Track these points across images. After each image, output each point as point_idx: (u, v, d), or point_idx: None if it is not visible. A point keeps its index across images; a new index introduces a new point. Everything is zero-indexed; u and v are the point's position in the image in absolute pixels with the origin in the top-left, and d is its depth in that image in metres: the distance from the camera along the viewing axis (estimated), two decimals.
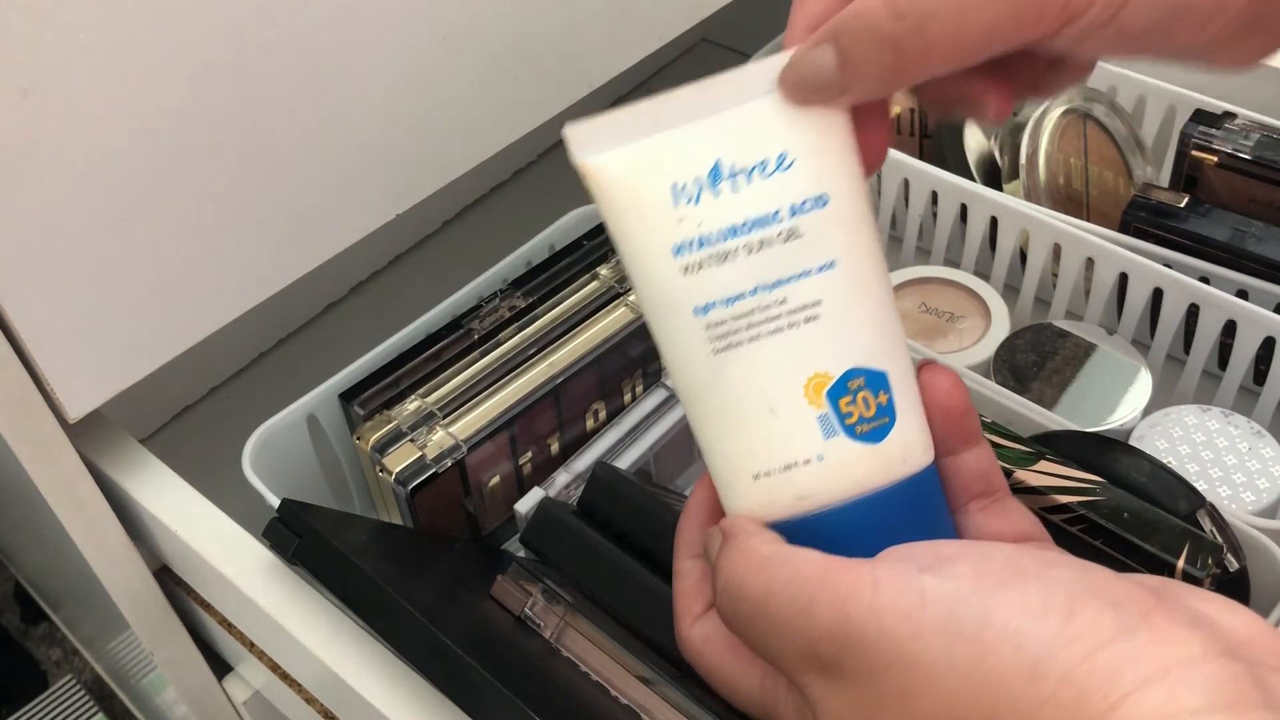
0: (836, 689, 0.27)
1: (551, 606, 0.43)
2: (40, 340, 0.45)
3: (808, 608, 0.27)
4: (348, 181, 0.53)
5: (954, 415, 0.31)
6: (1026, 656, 0.24)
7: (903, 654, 0.25)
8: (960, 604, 0.25)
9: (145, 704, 0.82)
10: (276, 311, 0.70)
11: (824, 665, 0.27)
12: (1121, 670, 0.23)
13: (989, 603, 0.25)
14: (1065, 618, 0.24)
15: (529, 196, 0.88)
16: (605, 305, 0.60)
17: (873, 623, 0.25)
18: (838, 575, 0.27)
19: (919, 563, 0.26)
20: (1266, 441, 0.57)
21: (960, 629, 0.25)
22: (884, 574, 0.26)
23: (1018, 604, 0.25)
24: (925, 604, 0.25)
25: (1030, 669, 0.24)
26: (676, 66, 0.99)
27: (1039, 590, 0.25)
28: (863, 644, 0.26)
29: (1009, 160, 0.69)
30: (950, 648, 0.25)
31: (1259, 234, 0.61)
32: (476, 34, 0.55)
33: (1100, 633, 0.24)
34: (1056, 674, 0.23)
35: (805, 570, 0.27)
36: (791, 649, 0.27)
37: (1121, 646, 0.24)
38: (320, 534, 0.44)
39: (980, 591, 0.25)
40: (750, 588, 0.28)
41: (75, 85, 0.42)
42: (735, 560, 0.29)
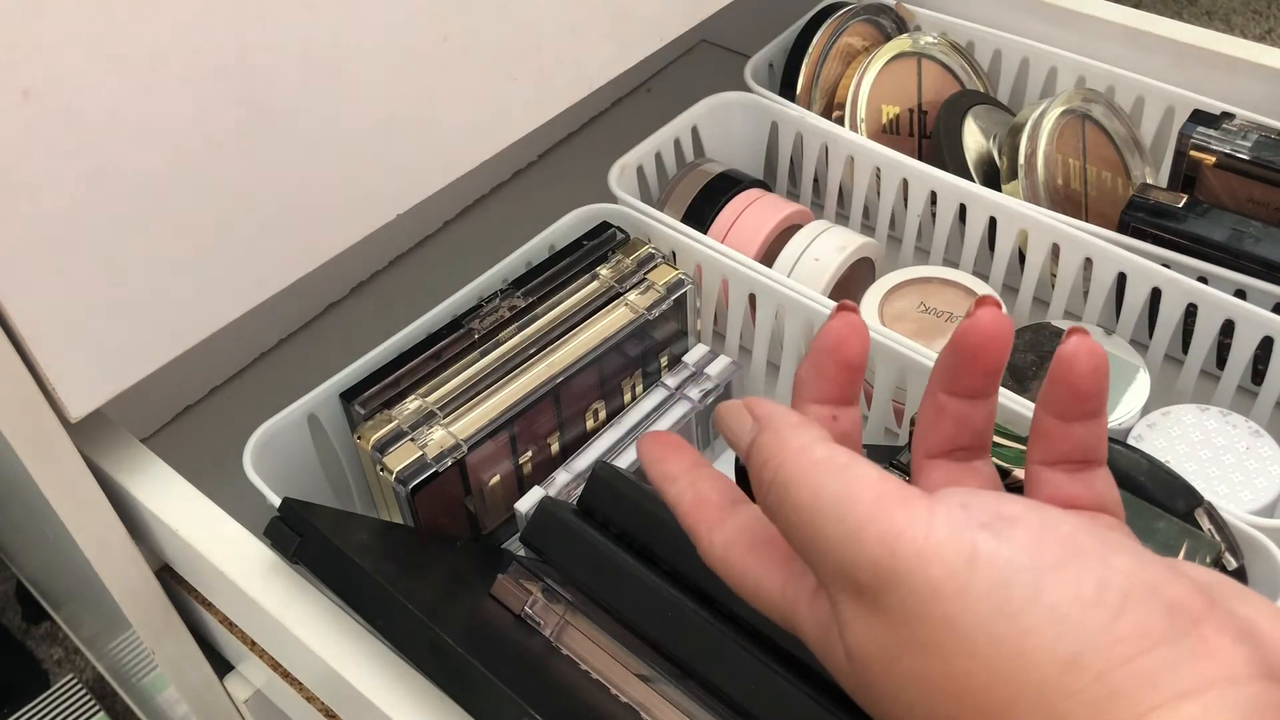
0: (868, 618, 0.26)
1: (551, 605, 0.44)
2: (41, 340, 0.45)
3: (856, 533, 0.26)
4: (348, 181, 0.53)
5: (1081, 396, 0.29)
6: (1067, 646, 0.23)
7: (942, 610, 0.24)
8: (1012, 574, 0.24)
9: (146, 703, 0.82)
10: (277, 311, 0.70)
11: (861, 591, 0.26)
12: (1159, 679, 0.23)
13: (1041, 580, 0.24)
14: (1115, 613, 0.23)
15: (529, 196, 0.88)
16: (605, 305, 0.61)
17: (919, 569, 0.25)
18: (892, 507, 0.26)
19: (978, 516, 0.25)
20: (1264, 441, 0.57)
21: (1006, 600, 0.24)
22: (940, 520, 0.25)
23: (1070, 588, 0.24)
24: (976, 564, 0.24)
25: (1068, 659, 0.23)
26: (676, 66, 0.99)
27: (1095, 577, 0.24)
28: (905, 587, 0.25)
29: (1007, 161, 0.70)
30: (992, 617, 0.24)
31: (1257, 234, 0.61)
32: (476, 34, 0.55)
33: (1147, 637, 0.23)
34: (1093, 670, 0.23)
35: (859, 490, 0.26)
36: (833, 565, 0.26)
37: (1164, 654, 0.23)
38: (321, 533, 0.44)
39: (1035, 566, 0.24)
40: (799, 491, 0.27)
41: (75, 85, 0.42)
42: (785, 455, 0.28)
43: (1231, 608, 0.25)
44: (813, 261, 0.66)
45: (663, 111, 0.73)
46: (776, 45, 0.78)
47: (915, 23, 0.80)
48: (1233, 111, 0.68)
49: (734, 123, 0.75)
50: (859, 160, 0.73)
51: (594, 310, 0.60)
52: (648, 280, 0.62)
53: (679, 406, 0.61)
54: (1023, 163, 0.69)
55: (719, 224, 0.69)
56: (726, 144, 0.75)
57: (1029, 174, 0.69)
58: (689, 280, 0.62)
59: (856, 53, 0.78)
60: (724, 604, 0.41)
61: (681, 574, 0.42)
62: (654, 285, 0.61)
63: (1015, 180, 0.69)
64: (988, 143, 0.73)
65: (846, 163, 0.74)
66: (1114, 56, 0.74)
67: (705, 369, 0.63)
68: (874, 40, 0.79)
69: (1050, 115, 0.69)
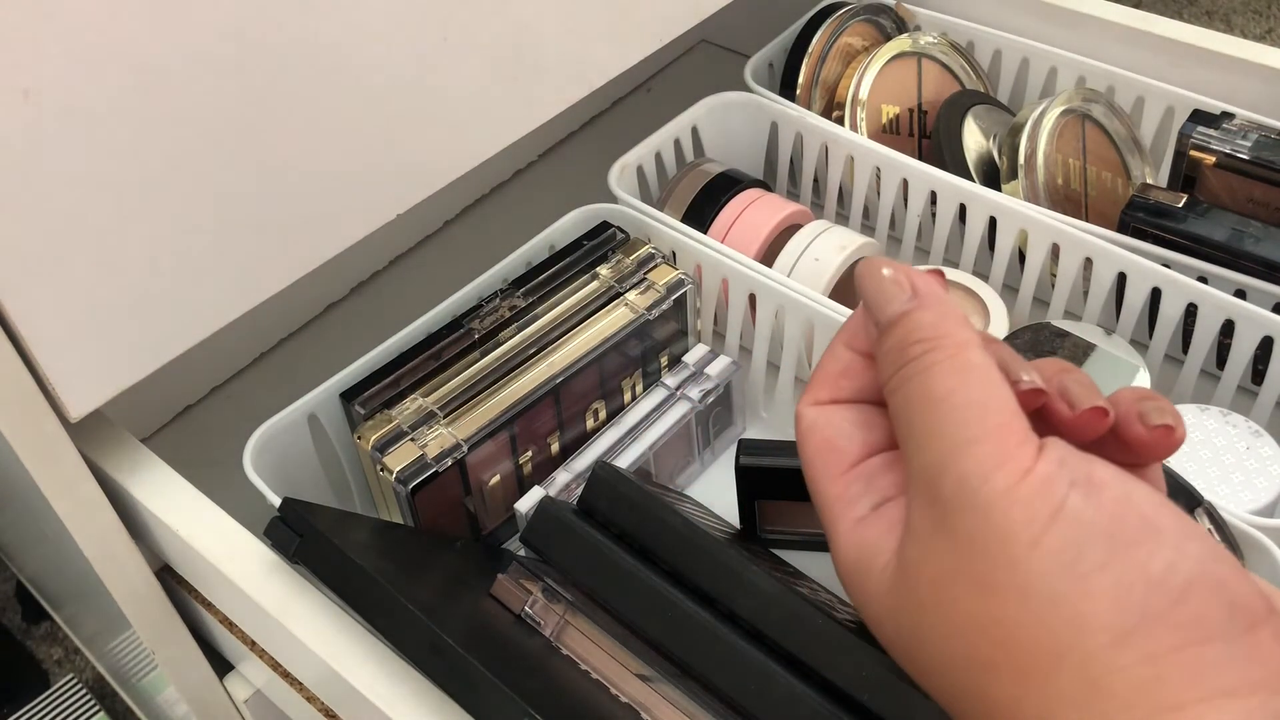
0: (934, 534, 0.26)
1: (551, 605, 0.44)
2: (42, 340, 0.45)
3: (966, 444, 0.26)
4: (348, 181, 0.53)
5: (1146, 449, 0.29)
6: (1123, 620, 0.23)
7: (1011, 553, 0.24)
8: (1088, 538, 0.24)
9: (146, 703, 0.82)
10: (277, 311, 0.70)
11: (938, 502, 0.26)
12: (1206, 673, 0.23)
13: (1115, 550, 0.24)
14: (1177, 599, 0.23)
15: (529, 196, 0.88)
16: (605, 305, 0.61)
17: (1002, 506, 0.25)
18: (1005, 438, 0.25)
19: (1072, 474, 0.25)
20: (1264, 441, 0.57)
21: (1076, 562, 0.24)
22: (1040, 468, 0.25)
23: (1140, 565, 0.24)
24: (1058, 519, 0.24)
25: (1121, 633, 0.23)
26: (676, 66, 0.99)
27: (1165, 559, 0.24)
28: (982, 517, 0.25)
29: (1008, 160, 0.70)
30: (1057, 574, 0.24)
31: (1257, 234, 0.61)
32: (476, 34, 0.55)
33: (1202, 628, 0.23)
34: (1143, 650, 0.23)
35: (992, 407, 0.26)
36: (929, 463, 0.26)
37: (1217, 649, 0.23)
38: (321, 533, 0.44)
39: (1111, 534, 0.24)
40: (942, 380, 0.27)
41: (75, 85, 0.42)
42: (944, 342, 0.27)
43: None
44: (813, 261, 0.66)
45: (663, 111, 0.73)
46: (776, 45, 0.78)
47: (915, 23, 0.80)
48: (1233, 111, 0.68)
49: (734, 123, 0.75)
50: (859, 160, 0.73)
51: (594, 310, 0.60)
52: (648, 280, 0.62)
53: (679, 406, 0.61)
54: (1023, 163, 0.69)
55: (719, 224, 0.69)
56: (726, 144, 0.75)
57: (1029, 174, 0.69)
58: (689, 280, 0.62)
59: (856, 53, 0.78)
60: (724, 604, 0.41)
61: (681, 574, 0.42)
62: (654, 285, 0.61)
63: (1015, 180, 0.69)
64: (988, 143, 0.73)
65: (846, 163, 0.74)
66: (1114, 56, 0.74)
67: (705, 369, 0.63)
68: (874, 40, 0.79)
69: (1050, 115, 0.69)
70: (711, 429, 0.64)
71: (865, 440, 0.30)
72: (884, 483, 0.29)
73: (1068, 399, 0.29)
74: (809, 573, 0.52)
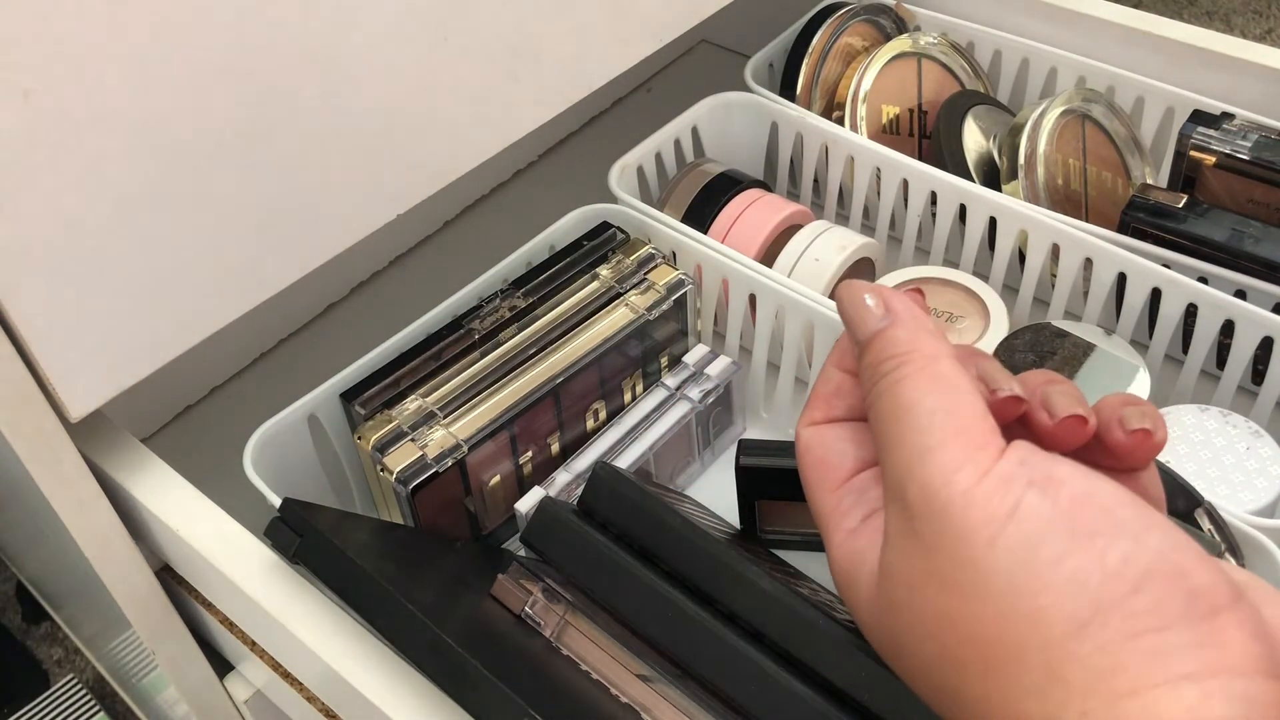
0: (905, 539, 0.27)
1: (551, 605, 0.44)
2: (42, 340, 0.45)
3: (925, 452, 0.27)
4: (348, 182, 0.53)
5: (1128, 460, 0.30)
6: (1079, 611, 0.24)
7: (970, 553, 0.25)
8: (1044, 533, 0.25)
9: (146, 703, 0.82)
10: (277, 311, 0.70)
11: (905, 507, 0.27)
12: (1165, 659, 0.23)
13: (1072, 544, 0.25)
14: (1133, 588, 0.24)
15: (529, 196, 0.88)
16: (605, 305, 0.61)
17: (960, 510, 0.25)
18: (967, 440, 0.26)
19: (1031, 473, 0.26)
20: (1264, 441, 0.57)
21: (1032, 557, 0.25)
22: (997, 470, 0.26)
23: (1096, 556, 0.24)
24: (1015, 518, 0.25)
25: (1078, 623, 0.24)
26: (676, 66, 0.99)
27: (1121, 551, 0.24)
28: (943, 520, 0.26)
29: (1008, 161, 0.70)
30: (1014, 570, 0.25)
31: (1257, 234, 0.61)
32: (476, 34, 0.55)
33: (1160, 616, 0.24)
34: (1100, 639, 0.23)
35: (953, 414, 0.27)
36: (897, 472, 0.27)
37: (1175, 636, 0.23)
38: (321, 533, 0.44)
39: (1068, 528, 0.25)
40: (908, 391, 0.28)
41: (75, 85, 0.42)
42: (915, 356, 0.29)
43: (1259, 607, 0.25)
44: (813, 261, 0.66)
45: (663, 111, 0.73)
46: (776, 45, 0.78)
47: (915, 23, 0.80)
48: (1233, 111, 0.68)
49: (734, 123, 0.75)
50: (859, 160, 0.73)
51: (594, 310, 0.60)
52: (648, 280, 0.62)
53: (679, 406, 0.61)
54: (1023, 163, 0.69)
55: (719, 224, 0.69)
56: (726, 144, 0.75)
57: (1029, 174, 0.69)
58: (689, 280, 0.62)
59: (856, 53, 0.78)
60: (724, 604, 0.41)
61: (681, 575, 0.42)
62: (654, 285, 0.61)
63: (1015, 180, 0.69)
64: (988, 143, 0.73)
65: (846, 163, 0.74)
66: (1114, 56, 0.74)
67: (705, 369, 0.63)
68: (874, 40, 0.79)
69: (1050, 115, 0.69)
70: (711, 429, 0.64)
71: (857, 456, 0.31)
72: (873, 495, 0.30)
73: (1049, 408, 0.30)
74: (809, 573, 0.52)
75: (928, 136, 0.77)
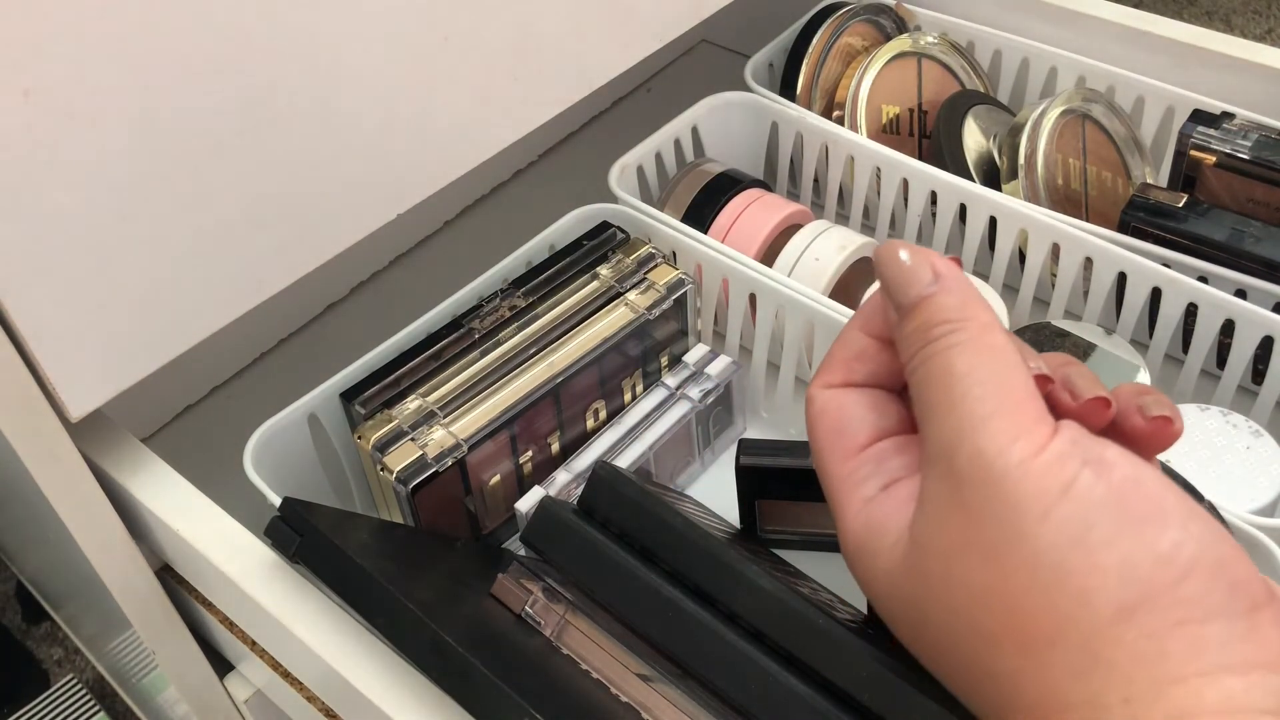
0: (948, 506, 0.26)
1: (552, 605, 0.44)
2: (42, 340, 0.45)
3: (984, 419, 0.26)
4: (348, 181, 0.53)
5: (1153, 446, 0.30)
6: (1127, 594, 0.24)
7: (1020, 525, 0.25)
8: (1097, 513, 0.25)
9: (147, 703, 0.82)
10: (277, 311, 0.70)
11: (953, 474, 0.26)
12: (1207, 648, 0.23)
13: (1122, 527, 0.24)
14: (1181, 576, 0.24)
15: (529, 196, 0.88)
16: (605, 305, 0.61)
17: (1014, 480, 0.25)
18: (1021, 415, 0.26)
19: (1084, 453, 0.26)
20: (1265, 440, 0.57)
21: (1085, 536, 0.24)
22: (1054, 445, 0.26)
23: (1145, 542, 0.24)
24: (1069, 495, 0.25)
25: (1124, 608, 0.24)
26: (676, 66, 0.99)
27: (1171, 538, 0.24)
28: (995, 490, 0.25)
29: (1007, 160, 0.70)
30: (1066, 547, 0.24)
31: (1257, 234, 0.61)
32: (476, 34, 0.55)
33: (1205, 606, 0.24)
34: (1146, 626, 0.23)
35: (1011, 384, 0.27)
36: (947, 436, 0.27)
37: (1217, 627, 0.23)
38: (321, 533, 0.44)
39: (1120, 512, 0.25)
40: (965, 357, 0.27)
41: (76, 85, 0.42)
42: (969, 323, 0.28)
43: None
44: (813, 261, 0.66)
45: (663, 111, 0.73)
46: (776, 45, 0.78)
47: (915, 23, 0.80)
48: (1233, 111, 0.68)
49: (734, 123, 0.75)
50: (859, 160, 0.73)
51: (594, 310, 0.60)
52: (648, 280, 0.62)
53: (679, 406, 0.61)
54: (1023, 163, 0.69)
55: (719, 224, 0.69)
56: (726, 144, 0.75)
57: (1029, 174, 0.69)
58: (689, 280, 0.62)
59: (856, 53, 0.78)
60: (724, 604, 0.41)
61: (682, 574, 0.42)
62: (654, 285, 0.61)
63: (1015, 180, 0.69)
64: (988, 143, 0.73)
65: (846, 163, 0.74)
66: (1114, 56, 0.74)
67: (705, 369, 0.63)
68: (874, 40, 0.79)
69: (1050, 115, 0.69)
70: (711, 429, 0.64)
71: (876, 424, 0.31)
72: (894, 465, 0.30)
73: (1071, 390, 0.29)
74: (809, 573, 0.52)
75: (928, 136, 0.77)
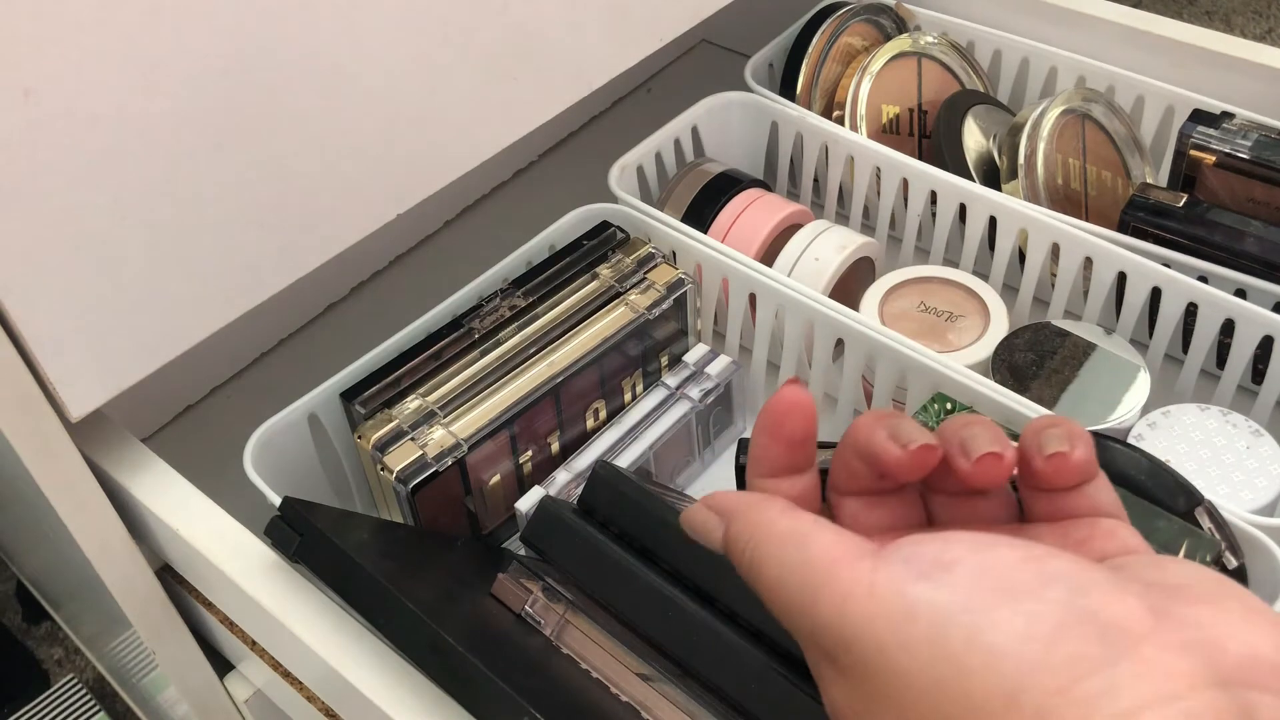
0: (837, 679, 0.27)
1: (552, 604, 0.44)
2: (42, 340, 0.45)
3: (814, 600, 0.27)
4: (348, 181, 0.53)
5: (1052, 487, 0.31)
6: (1005, 682, 0.24)
7: (891, 663, 0.25)
8: (948, 620, 0.25)
9: (147, 703, 0.82)
10: (277, 311, 0.70)
11: (827, 654, 0.27)
12: (1096, 705, 0.23)
13: (977, 621, 0.25)
14: (1047, 645, 0.24)
15: (529, 196, 0.88)
16: (605, 305, 0.61)
17: (866, 628, 0.26)
18: (840, 571, 0.27)
19: (917, 567, 0.26)
20: (1265, 440, 0.57)
21: (945, 647, 0.25)
22: (881, 579, 0.26)
23: (1004, 627, 0.25)
24: (914, 618, 0.25)
25: (1008, 695, 0.24)
26: (676, 66, 0.99)
27: (1026, 612, 0.25)
28: (857, 646, 0.26)
29: (1007, 160, 0.70)
30: (934, 663, 0.25)
31: (1257, 233, 0.61)
32: (476, 34, 0.55)
33: (1081, 664, 0.24)
34: (1032, 704, 0.24)
35: (815, 556, 0.28)
36: (804, 633, 0.28)
37: (1100, 679, 0.23)
38: (321, 532, 0.44)
39: (970, 608, 0.25)
40: (769, 568, 0.29)
41: (76, 85, 0.42)
42: (755, 537, 0.29)
43: (1191, 614, 0.25)
44: (813, 261, 0.66)
45: (663, 111, 0.73)
46: (776, 45, 0.78)
47: (915, 23, 0.80)
48: (1233, 111, 0.68)
49: (734, 123, 0.75)
50: (859, 160, 0.73)
51: (594, 310, 0.60)
52: (648, 280, 0.62)
53: (679, 406, 0.61)
54: (1023, 162, 0.69)
55: (719, 224, 0.69)
56: (726, 144, 0.75)
57: (1029, 174, 0.69)
58: (689, 280, 0.62)
59: (856, 53, 0.78)
60: (724, 604, 0.41)
61: (681, 574, 0.42)
62: (654, 285, 0.61)
63: (1015, 180, 0.69)
64: (988, 143, 0.73)
65: (846, 163, 0.74)
66: (1114, 56, 0.74)
67: (705, 369, 0.63)
68: (874, 40, 0.79)
69: (1050, 115, 0.69)
70: (711, 428, 0.64)
71: None
72: None
73: (965, 451, 0.30)
74: None
75: (928, 136, 0.77)
